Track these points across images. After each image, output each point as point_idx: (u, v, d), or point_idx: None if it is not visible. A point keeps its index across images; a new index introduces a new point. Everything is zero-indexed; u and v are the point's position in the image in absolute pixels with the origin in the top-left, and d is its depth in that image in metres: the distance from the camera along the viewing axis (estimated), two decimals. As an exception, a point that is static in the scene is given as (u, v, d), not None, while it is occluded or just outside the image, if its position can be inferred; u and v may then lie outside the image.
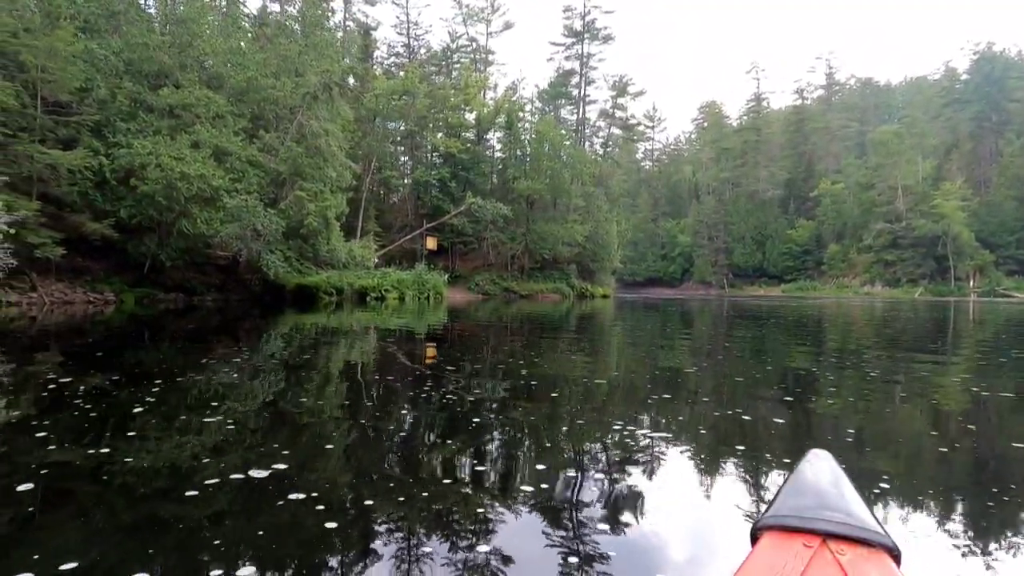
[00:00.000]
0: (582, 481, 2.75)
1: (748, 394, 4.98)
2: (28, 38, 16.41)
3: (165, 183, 18.11)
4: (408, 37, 47.36)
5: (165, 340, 9.46)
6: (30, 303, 17.49)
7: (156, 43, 19.69)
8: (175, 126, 19.83)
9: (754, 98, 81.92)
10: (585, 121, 51.68)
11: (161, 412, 3.98)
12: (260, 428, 3.69)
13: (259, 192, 20.89)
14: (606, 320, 16.81)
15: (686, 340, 10.62)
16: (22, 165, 16.24)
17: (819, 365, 7.08)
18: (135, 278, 20.82)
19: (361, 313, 16.99)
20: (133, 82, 19.59)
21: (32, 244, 16.66)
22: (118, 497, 2.46)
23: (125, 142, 18.58)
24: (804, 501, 1.18)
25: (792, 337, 11.47)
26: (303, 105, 22.55)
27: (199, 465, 2.84)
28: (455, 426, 3.77)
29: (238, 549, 2.01)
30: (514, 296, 36.97)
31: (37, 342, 9.00)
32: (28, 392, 4.75)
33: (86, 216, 18.45)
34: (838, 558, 1.01)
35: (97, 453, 3.00)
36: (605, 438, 3.49)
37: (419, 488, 2.60)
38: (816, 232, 68.72)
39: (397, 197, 42.30)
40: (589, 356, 8.14)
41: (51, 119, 17.66)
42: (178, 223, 19.40)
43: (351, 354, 8.03)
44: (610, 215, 44.35)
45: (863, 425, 3.95)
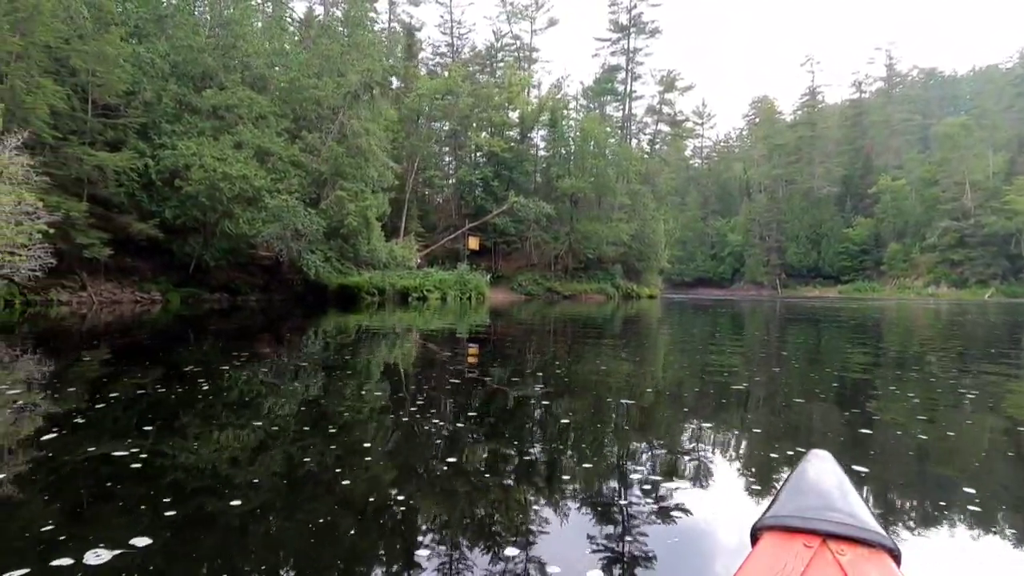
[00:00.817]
0: (620, 485, 2.72)
1: (802, 402, 4.61)
2: (79, 43, 16.75)
3: (208, 184, 18.28)
4: (452, 36, 47.34)
5: (209, 339, 9.49)
6: (80, 302, 17.88)
7: (201, 45, 19.92)
8: (219, 127, 20.02)
9: (808, 92, 78.96)
10: (631, 118, 50.60)
11: (204, 410, 4.02)
12: (301, 427, 3.68)
13: (300, 192, 20.91)
14: (652, 322, 16.11)
15: (737, 344, 9.86)
16: (71, 167, 16.58)
17: (880, 372, 6.36)
18: (181, 278, 21.14)
19: (403, 313, 16.94)
20: (178, 84, 19.87)
21: (81, 244, 17.00)
22: (162, 493, 2.47)
23: (170, 143, 18.84)
24: (804, 501, 1.18)
25: (853, 341, 10.55)
26: (344, 105, 22.50)
27: (241, 463, 2.89)
28: (496, 428, 3.73)
29: (279, 546, 2.03)
30: (557, 297, 36.38)
31: (87, 340, 9.07)
32: (77, 389, 4.78)
33: (133, 217, 18.78)
34: (838, 558, 1.01)
35: (141, 449, 3.03)
36: (647, 443, 3.44)
37: (461, 488, 2.62)
38: (875, 230, 65.64)
39: (441, 198, 42.25)
40: (634, 361, 7.64)
41: (100, 122, 18.03)
42: (221, 223, 19.58)
43: (392, 355, 7.91)
44: (657, 213, 43.20)
45: (928, 436, 3.68)
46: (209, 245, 20.24)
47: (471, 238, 36.52)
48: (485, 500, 2.49)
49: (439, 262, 33.07)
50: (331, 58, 23.82)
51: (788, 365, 7.13)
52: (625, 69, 49.47)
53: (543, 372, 6.12)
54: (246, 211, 19.54)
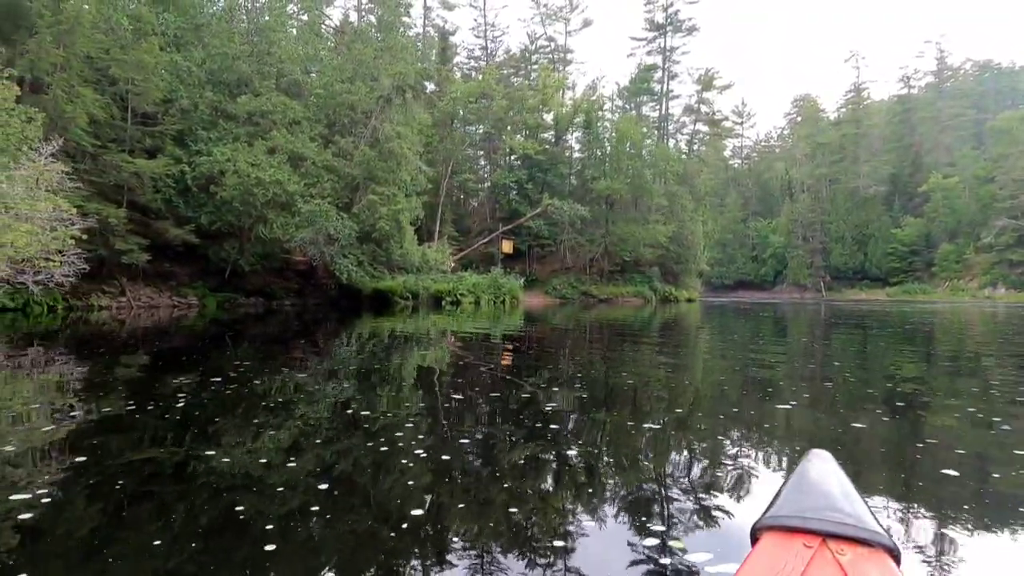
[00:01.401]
0: (658, 493, 2.66)
1: (862, 427, 4.04)
2: (119, 53, 17.07)
3: (242, 189, 18.43)
4: (486, 39, 47.21)
5: (244, 344, 9.57)
6: (119, 307, 18.21)
7: (236, 52, 20.15)
8: (253, 133, 20.20)
9: (853, 88, 76.51)
10: (668, 117, 49.70)
11: (239, 413, 4.10)
12: (335, 430, 3.68)
13: (333, 197, 20.95)
14: (691, 327, 15.51)
15: (780, 351, 9.26)
16: (110, 174, 16.88)
17: (945, 386, 5.72)
18: (217, 283, 21.41)
19: (436, 318, 16.90)
20: (214, 91, 20.13)
21: (120, 250, 17.30)
22: (198, 494, 2.52)
23: (206, 150, 19.07)
24: (804, 501, 1.17)
25: (911, 350, 9.83)
26: (377, 108, 22.48)
27: (275, 467, 2.88)
28: (532, 433, 3.66)
29: (313, 548, 2.02)
30: (593, 300, 35.84)
31: (126, 345, 9.23)
32: (117, 392, 4.91)
33: (169, 223, 19.07)
34: (838, 558, 1.00)
35: (177, 452, 3.10)
36: (684, 451, 3.35)
37: (496, 493, 2.59)
38: (925, 230, 62.98)
39: (476, 201, 42.09)
40: (672, 367, 7.29)
41: (138, 130, 18.36)
42: (255, 228, 19.72)
43: (426, 358, 7.90)
44: (695, 215, 42.21)
45: (985, 449, 3.44)
46: (244, 250, 20.42)
47: (505, 241, 36.24)
48: (520, 505, 2.44)
49: (473, 266, 32.91)
50: (364, 62, 23.86)
51: (837, 376, 6.56)
52: (661, 68, 48.57)
53: (578, 377, 5.99)
54: (280, 216, 19.64)
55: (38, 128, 13.16)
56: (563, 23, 48.40)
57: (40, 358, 7.40)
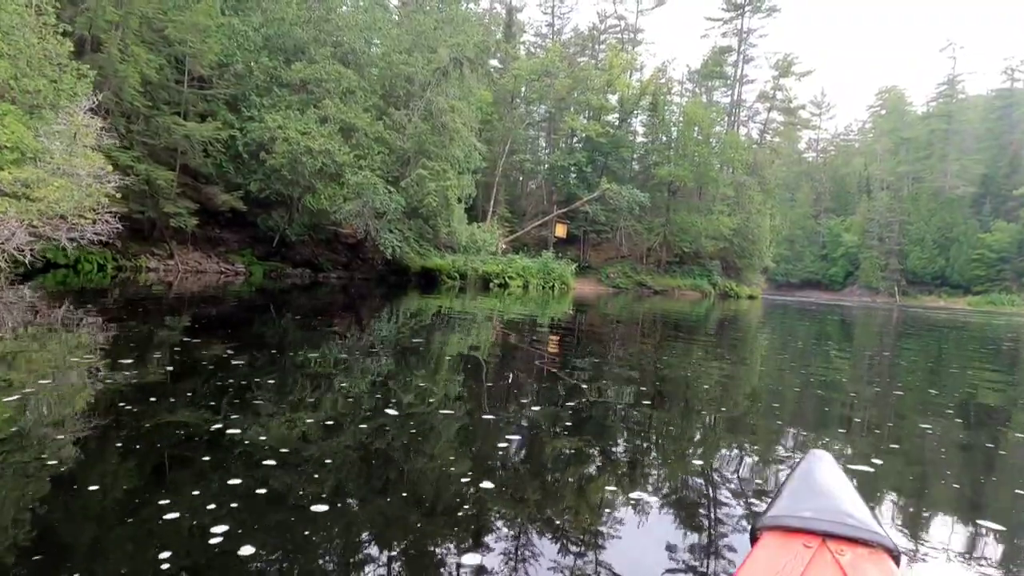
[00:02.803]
0: (701, 495, 2.52)
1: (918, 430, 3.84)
2: (175, 13, 16.92)
3: (291, 157, 18.12)
4: (552, 16, 45.82)
5: (288, 314, 9.44)
6: (167, 270, 18.31)
7: (293, 18, 19.77)
8: (306, 101, 19.85)
9: (947, 80, 71.24)
10: (741, 104, 47.16)
11: (277, 385, 3.99)
12: (372, 408, 3.54)
13: (383, 170, 20.45)
14: (751, 326, 14.31)
15: (846, 360, 8.07)
16: (162, 136, 16.82)
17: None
18: (265, 251, 21.35)
19: (484, 299, 16.53)
20: (270, 57, 19.83)
21: (168, 213, 17.30)
22: (234, 463, 2.45)
23: (258, 116, 18.83)
24: (804, 501, 1.17)
25: (1004, 371, 8.44)
26: (433, 81, 21.80)
27: (311, 439, 2.83)
28: (573, 426, 3.48)
29: (344, 531, 1.96)
30: (648, 291, 34.52)
31: (171, 307, 9.22)
32: (160, 355, 4.84)
33: (219, 188, 18.99)
34: (837, 558, 1.01)
35: (215, 419, 3.03)
36: (733, 454, 3.17)
37: (535, 486, 2.48)
38: (1020, 236, 58.16)
39: (534, 183, 41.08)
40: (726, 368, 6.67)
41: (192, 93, 18.25)
42: (304, 198, 19.44)
43: (469, 340, 7.63)
44: (763, 207, 39.93)
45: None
46: (292, 220, 20.21)
47: (559, 225, 35.19)
48: (559, 502, 2.34)
49: (526, 249, 32.11)
50: (423, 33, 23.18)
51: (909, 392, 5.44)
52: (737, 51, 45.99)
53: (626, 372, 5.71)
54: (328, 186, 19.28)
55: (88, 85, 13.03)
56: (635, 1, 46.46)
57: (86, 316, 7.36)
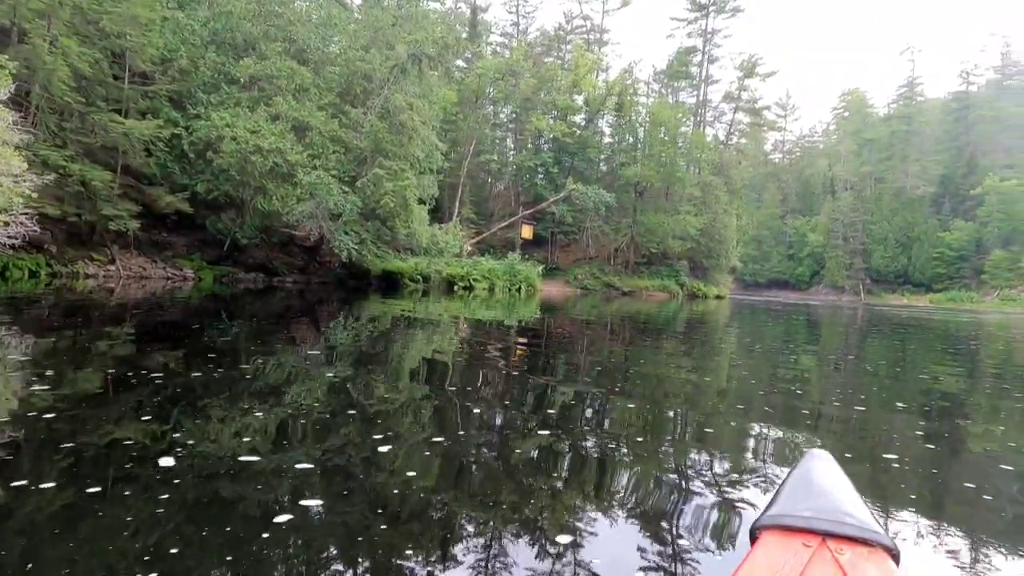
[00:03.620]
0: (672, 494, 2.45)
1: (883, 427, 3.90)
2: (111, 5, 16.00)
3: (240, 157, 17.30)
4: (517, 15, 45.39)
5: (239, 320, 9.02)
6: (107, 276, 17.33)
7: (241, 11, 18.93)
8: (257, 98, 19.03)
9: (907, 83, 72.74)
10: (706, 104, 47.33)
11: (227, 394, 3.80)
12: (330, 416, 3.39)
13: (339, 170, 19.71)
14: (718, 326, 14.06)
15: (810, 362, 7.69)
16: (98, 135, 15.87)
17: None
18: (215, 256, 20.43)
19: (447, 303, 16.12)
20: (217, 52, 18.96)
21: (107, 216, 16.35)
22: (182, 477, 2.27)
23: (204, 114, 17.96)
24: (804, 501, 1.17)
25: (971, 369, 8.15)
26: (391, 78, 21.13)
27: (265, 452, 2.64)
28: (548, 430, 3.35)
29: (302, 537, 1.86)
30: (615, 292, 34.23)
31: (114, 316, 8.67)
32: (99, 367, 4.51)
33: (163, 189, 18.06)
34: (837, 557, 1.01)
35: (160, 432, 2.83)
36: (703, 453, 3.07)
37: (503, 490, 2.39)
38: (976, 235, 59.46)
39: (502, 184, 40.53)
40: (695, 367, 6.68)
41: (133, 89, 17.30)
42: (254, 199, 18.61)
43: (432, 345, 7.35)
44: (729, 207, 39.95)
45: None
46: (243, 222, 19.35)
47: (525, 226, 34.69)
48: (528, 505, 2.22)
49: (493, 251, 31.56)
50: (381, 29, 22.51)
51: (876, 391, 5.04)
52: (702, 51, 46.11)
53: (594, 372, 5.69)
54: (280, 187, 18.48)
55: (6, 78, 12.11)
56: (600, 1, 46.30)
57: (11, 325, 6.83)
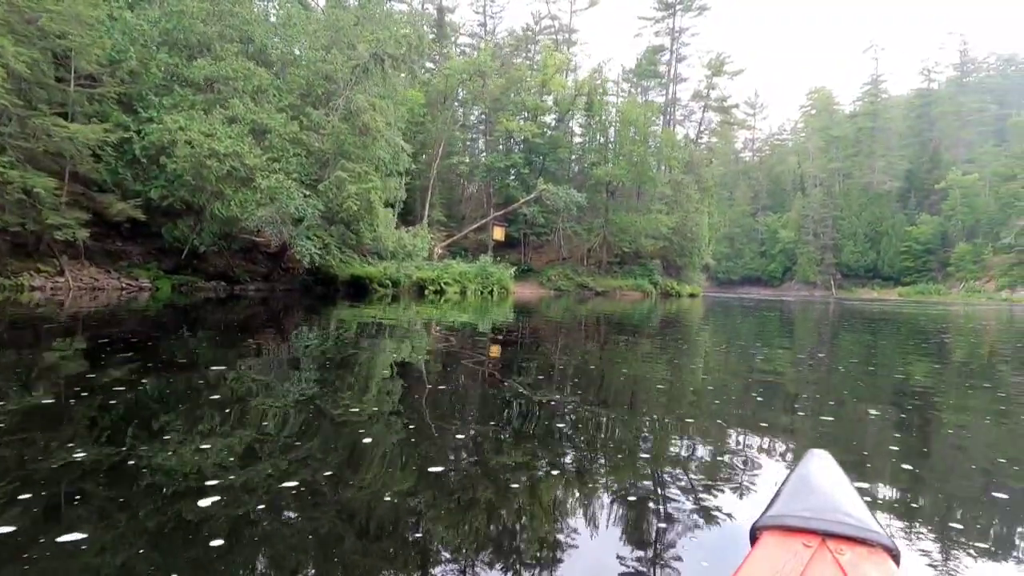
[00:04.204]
0: (652, 498, 2.39)
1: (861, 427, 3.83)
2: (50, 3, 15.25)
3: (194, 161, 16.63)
4: (484, 16, 45.05)
5: (199, 330, 8.74)
6: (55, 288, 16.53)
7: (194, 11, 18.23)
8: (213, 101, 18.35)
9: (871, 81, 74.12)
10: (676, 102, 47.45)
11: (188, 407, 3.68)
12: (296, 429, 3.21)
13: (300, 173, 19.11)
14: (692, 324, 13.93)
15: (785, 353, 7.44)
16: (40, 140, 15.11)
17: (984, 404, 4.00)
18: (173, 264, 19.67)
19: (418, 308, 15.87)
20: (170, 54, 18.25)
21: (53, 225, 15.58)
22: (141, 500, 2.19)
23: (157, 117, 17.25)
24: (803, 501, 1.16)
25: (936, 356, 7.96)
26: (352, 79, 20.60)
27: (229, 466, 2.55)
28: (517, 435, 3.28)
29: (273, 558, 1.81)
30: (589, 293, 34.02)
31: (65, 329, 8.21)
32: (49, 384, 4.31)
33: (115, 196, 17.30)
34: (837, 558, 1.01)
35: (117, 449, 2.71)
36: (681, 452, 3.05)
37: (477, 501, 2.31)
38: (941, 229, 60.77)
39: (474, 187, 40.12)
40: (669, 366, 6.64)
41: (81, 92, 16.54)
42: (211, 205, 17.92)
43: (402, 352, 7.16)
44: (701, 205, 40.05)
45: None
46: (200, 229, 18.64)
47: (497, 228, 34.30)
48: (504, 515, 2.20)
49: (466, 254, 31.14)
50: (342, 29, 21.95)
51: (850, 387, 4.77)
52: (670, 50, 46.25)
53: (569, 375, 5.58)
54: (238, 192, 17.82)
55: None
56: (568, 0, 46.15)
57: None
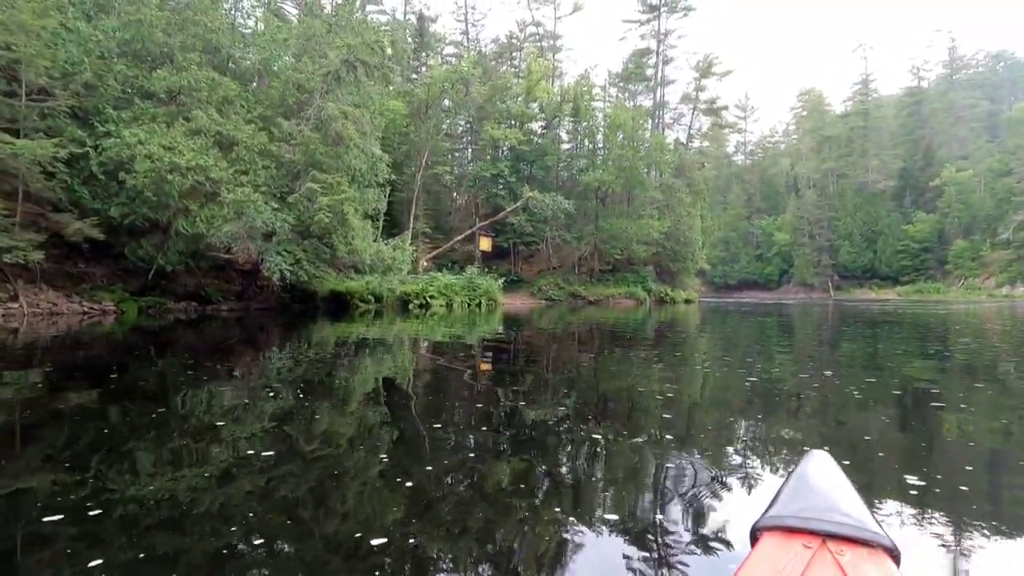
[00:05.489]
0: (652, 513, 2.35)
1: None
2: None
3: (155, 176, 15.76)
4: (467, 23, 44.45)
5: (168, 355, 8.31)
6: (8, 314, 15.58)
7: (152, 20, 17.42)
8: (175, 113, 17.52)
9: (861, 80, 73.82)
10: (664, 106, 46.77)
11: (158, 436, 3.42)
12: (275, 455, 3.04)
13: (270, 186, 18.26)
14: (689, 333, 13.10)
15: (785, 360, 6.55)
16: (-18, 157, 14.22)
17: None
18: (139, 286, 18.72)
19: (402, 323, 15.18)
20: (129, 65, 17.42)
21: (1, 248, 14.66)
22: (111, 533, 2.12)
23: (115, 131, 16.39)
24: (804, 501, 1.16)
25: (937, 357, 7.08)
26: (323, 87, 19.80)
27: (204, 499, 2.44)
28: (512, 451, 3.20)
29: None
30: (581, 302, 33.10)
31: (19, 359, 7.70)
32: (7, 416, 4.04)
33: (72, 216, 16.39)
34: (837, 558, 1.01)
35: (82, 483, 2.58)
36: (680, 459, 3.01)
37: (474, 519, 2.27)
38: (938, 226, 60.11)
39: (464, 198, 39.32)
40: (665, 377, 6.24)
41: (30, 106, 15.67)
42: (176, 222, 17.04)
43: (384, 370, 6.84)
44: (693, 209, 39.24)
45: None
46: (166, 248, 17.72)
47: (483, 238, 33.40)
48: (502, 533, 2.16)
49: (454, 266, 30.24)
50: (313, 37, 21.21)
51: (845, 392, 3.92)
52: (656, 52, 45.61)
53: (563, 391, 5.33)
54: (204, 207, 16.95)
55: None
56: (552, 7, 45.60)
57: None
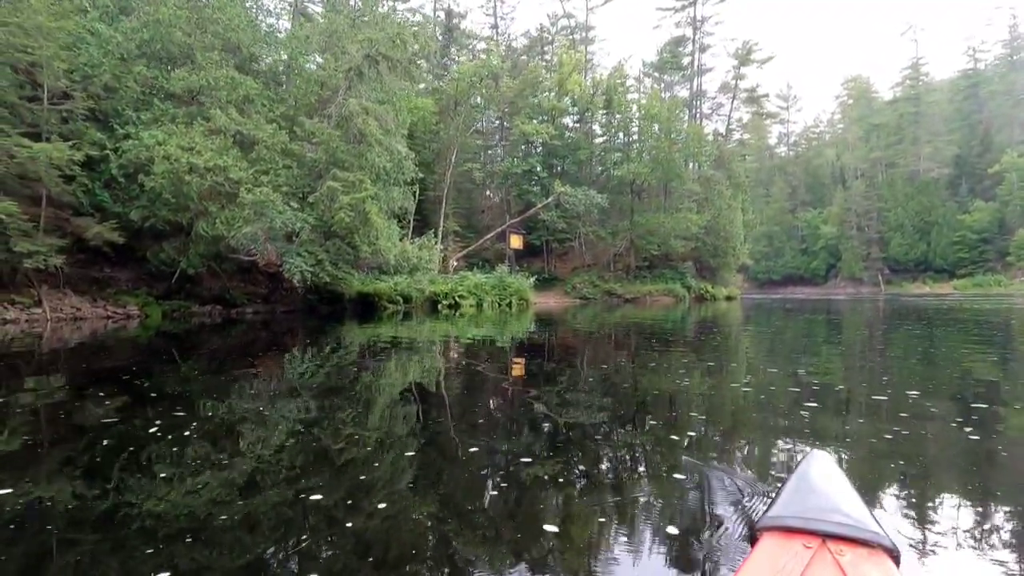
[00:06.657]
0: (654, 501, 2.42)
1: None
2: (7, 15, 14.24)
3: (173, 177, 15.44)
4: (495, 17, 43.63)
5: (193, 359, 8.21)
6: (32, 320, 15.45)
7: (171, 19, 17.12)
8: (194, 113, 17.20)
9: (911, 64, 70.30)
10: (702, 95, 45.11)
11: (181, 445, 3.37)
12: (300, 463, 3.02)
13: (291, 185, 17.79)
14: (730, 330, 12.30)
15: (831, 366, 5.56)
16: (2, 161, 14.04)
17: None
18: (164, 289, 18.51)
19: (431, 324, 14.82)
20: (148, 66, 17.16)
21: (22, 253, 14.47)
22: (131, 542, 2.10)
23: (135, 133, 16.13)
24: (804, 502, 1.16)
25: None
26: (346, 83, 19.26)
27: (229, 506, 2.43)
28: (545, 461, 3.02)
29: None
30: (617, 300, 31.98)
31: (44, 364, 7.60)
32: (20, 422, 3.96)
33: (93, 219, 16.20)
34: (837, 559, 0.99)
35: (104, 493, 2.58)
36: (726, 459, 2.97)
37: (504, 531, 2.21)
38: (998, 215, 56.65)
39: (497, 196, 38.57)
40: (705, 380, 5.77)
41: (52, 110, 15.50)
42: (196, 224, 16.71)
43: (410, 374, 6.53)
44: (734, 202, 37.64)
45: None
46: (186, 250, 17.43)
47: (513, 236, 32.55)
48: (535, 546, 2.07)
49: (485, 264, 29.51)
50: (335, 33, 20.69)
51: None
52: (692, 40, 43.97)
53: (598, 393, 5.06)
54: (224, 209, 16.58)
55: None
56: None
57: None
